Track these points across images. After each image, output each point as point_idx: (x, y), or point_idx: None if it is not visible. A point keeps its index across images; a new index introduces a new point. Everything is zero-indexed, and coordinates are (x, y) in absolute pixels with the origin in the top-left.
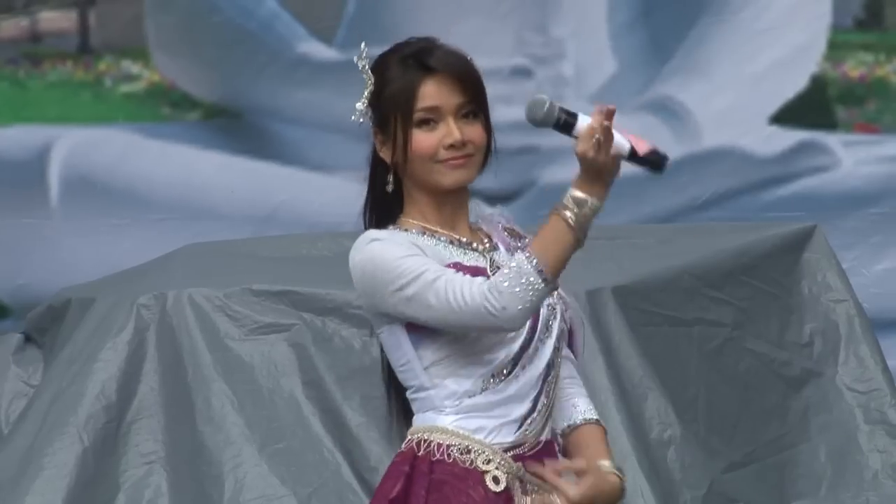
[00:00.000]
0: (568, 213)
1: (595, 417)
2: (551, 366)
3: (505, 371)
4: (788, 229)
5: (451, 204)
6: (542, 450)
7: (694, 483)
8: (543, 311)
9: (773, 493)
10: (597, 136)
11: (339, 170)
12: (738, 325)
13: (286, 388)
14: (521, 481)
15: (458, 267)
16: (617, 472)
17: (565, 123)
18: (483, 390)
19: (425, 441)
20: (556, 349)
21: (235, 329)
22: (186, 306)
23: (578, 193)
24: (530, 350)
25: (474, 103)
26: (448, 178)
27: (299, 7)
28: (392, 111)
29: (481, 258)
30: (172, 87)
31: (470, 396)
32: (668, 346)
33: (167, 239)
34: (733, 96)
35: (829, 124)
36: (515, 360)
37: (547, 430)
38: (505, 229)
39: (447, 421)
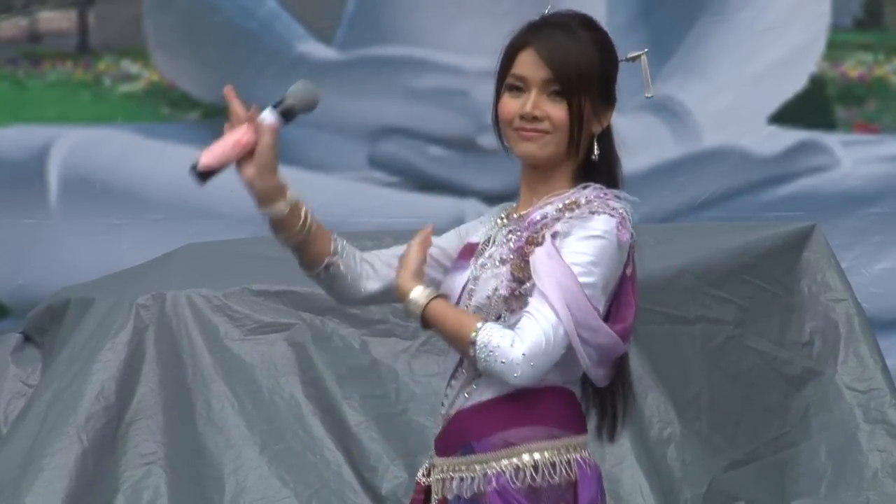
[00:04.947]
0: None
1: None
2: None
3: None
4: (788, 229)
5: (529, 174)
6: (451, 423)
7: (694, 481)
8: (467, 285)
9: (774, 492)
10: None
11: (338, 169)
12: (739, 323)
13: (286, 388)
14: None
15: (465, 247)
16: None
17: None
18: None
19: None
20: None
21: (235, 329)
22: (185, 306)
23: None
24: None
25: (561, 84)
26: (517, 147)
27: (299, 7)
28: (498, 70)
29: (487, 234)
30: (172, 87)
31: None
32: (669, 344)
33: (166, 239)
34: (733, 96)
35: (829, 124)
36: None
37: (462, 402)
38: (573, 203)
39: None
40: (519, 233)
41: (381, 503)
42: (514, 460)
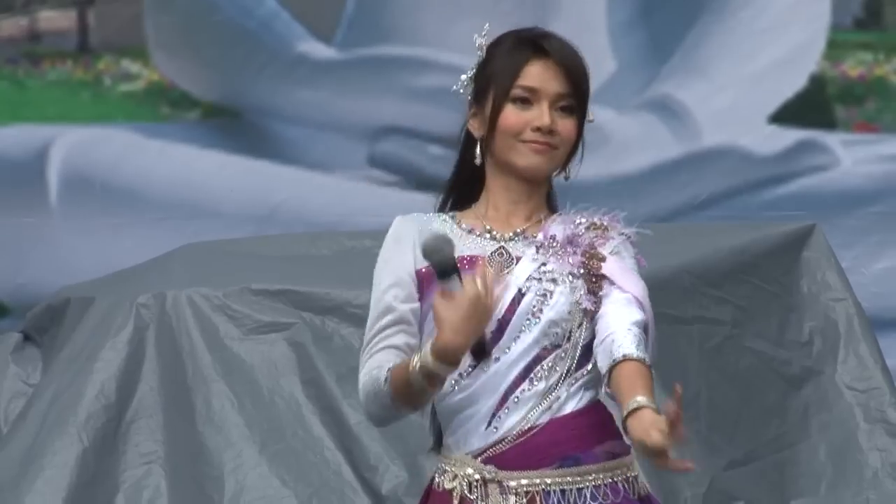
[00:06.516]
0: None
1: (634, 354)
2: (543, 356)
3: (471, 366)
4: (788, 228)
5: (517, 191)
6: (534, 436)
7: (694, 481)
8: (527, 299)
9: (774, 492)
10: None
11: (339, 169)
12: (737, 323)
13: (286, 388)
14: (499, 483)
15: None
16: (645, 405)
17: (453, 269)
18: (452, 389)
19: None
20: (549, 335)
21: (235, 328)
22: (186, 306)
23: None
24: (502, 342)
25: (574, 98)
26: (525, 159)
27: (299, 6)
28: (493, 82)
29: (490, 244)
30: (172, 87)
31: (444, 398)
32: (667, 344)
33: (166, 238)
34: (733, 95)
35: (829, 123)
36: None
37: (539, 415)
38: (593, 225)
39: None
40: (563, 248)
41: (381, 503)
42: (625, 471)
